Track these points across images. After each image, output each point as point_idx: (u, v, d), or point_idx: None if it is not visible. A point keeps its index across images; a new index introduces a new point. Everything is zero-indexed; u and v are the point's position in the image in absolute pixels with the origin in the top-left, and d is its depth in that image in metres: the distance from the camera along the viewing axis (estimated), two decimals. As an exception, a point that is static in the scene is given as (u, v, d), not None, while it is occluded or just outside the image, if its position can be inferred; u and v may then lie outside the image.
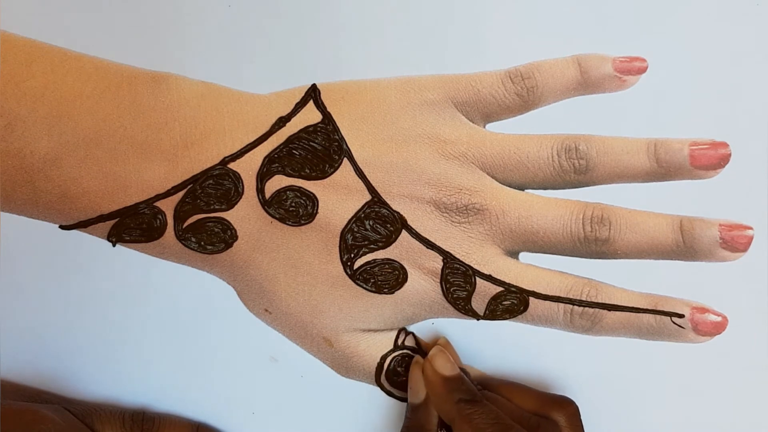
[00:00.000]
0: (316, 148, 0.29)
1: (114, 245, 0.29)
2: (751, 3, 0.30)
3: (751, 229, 0.29)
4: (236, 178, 0.28)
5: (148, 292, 0.32)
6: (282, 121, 0.29)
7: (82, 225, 0.28)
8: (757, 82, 0.31)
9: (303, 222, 0.29)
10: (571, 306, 0.29)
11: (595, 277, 0.30)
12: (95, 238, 0.29)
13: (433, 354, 0.31)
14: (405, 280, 0.29)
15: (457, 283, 0.29)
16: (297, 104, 0.29)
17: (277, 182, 0.28)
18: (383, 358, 0.31)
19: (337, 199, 0.29)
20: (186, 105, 0.28)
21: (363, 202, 0.29)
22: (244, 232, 0.29)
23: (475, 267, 0.29)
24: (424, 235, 0.29)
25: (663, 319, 0.29)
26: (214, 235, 0.29)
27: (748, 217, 0.29)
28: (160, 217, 0.28)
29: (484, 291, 0.29)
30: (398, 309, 0.30)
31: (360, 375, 0.31)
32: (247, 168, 0.28)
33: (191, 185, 0.28)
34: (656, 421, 0.33)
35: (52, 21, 0.30)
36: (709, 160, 0.29)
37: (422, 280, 0.30)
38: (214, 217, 0.28)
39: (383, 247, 0.29)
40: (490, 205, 0.29)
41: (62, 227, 0.28)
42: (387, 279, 0.29)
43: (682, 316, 0.29)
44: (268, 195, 0.28)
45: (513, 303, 0.29)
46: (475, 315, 0.30)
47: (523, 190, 0.30)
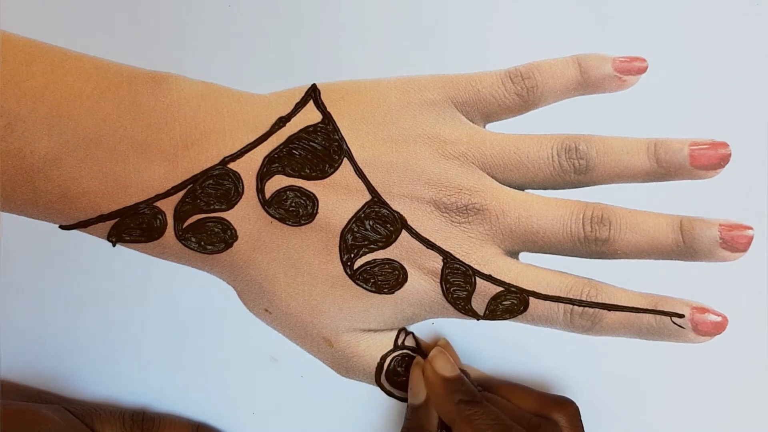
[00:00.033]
0: (316, 148, 0.29)
1: (114, 245, 0.29)
2: (751, 3, 0.30)
3: (751, 229, 0.29)
4: (236, 178, 0.28)
5: (148, 292, 0.32)
6: (282, 121, 0.29)
7: (82, 225, 0.28)
8: (757, 82, 0.31)
9: (303, 222, 0.29)
10: (571, 306, 0.29)
11: (595, 277, 0.30)
12: (95, 238, 0.29)
13: (434, 355, 0.31)
14: (405, 280, 0.29)
15: (457, 283, 0.29)
16: (297, 104, 0.29)
17: (277, 182, 0.28)
18: (383, 358, 0.31)
19: (337, 199, 0.29)
20: (186, 105, 0.28)
21: (363, 202, 0.29)
22: (244, 232, 0.29)
23: (475, 267, 0.29)
24: (424, 235, 0.29)
25: (663, 319, 0.29)
26: (214, 235, 0.29)
27: (748, 217, 0.29)
28: (160, 217, 0.28)
29: (484, 291, 0.29)
30: (398, 309, 0.30)
31: (360, 375, 0.31)
32: (247, 168, 0.28)
33: (191, 185, 0.28)
34: (656, 421, 0.33)
35: (52, 21, 0.30)
36: (709, 160, 0.29)
37: (422, 280, 0.30)
38: (214, 217, 0.28)
39: (383, 247, 0.29)
40: (490, 205, 0.29)
41: (62, 227, 0.28)
42: (387, 279, 0.29)
43: (682, 316, 0.29)
44: (268, 195, 0.28)
45: (513, 303, 0.29)
46: (475, 315, 0.30)
47: (523, 190, 0.30)
